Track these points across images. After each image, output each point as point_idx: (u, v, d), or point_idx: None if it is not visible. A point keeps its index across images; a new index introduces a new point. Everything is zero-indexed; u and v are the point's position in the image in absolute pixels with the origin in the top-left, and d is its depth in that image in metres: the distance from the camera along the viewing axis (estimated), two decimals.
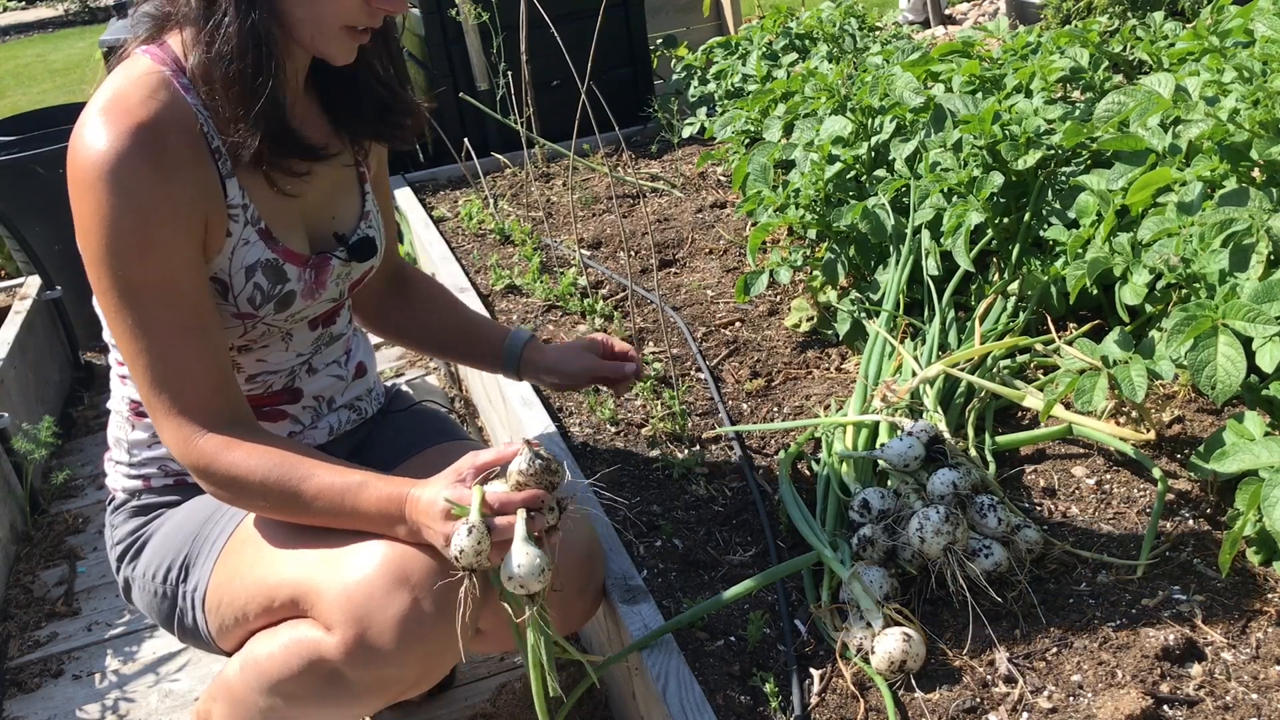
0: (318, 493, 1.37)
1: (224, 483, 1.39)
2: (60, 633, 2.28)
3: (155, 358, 1.36)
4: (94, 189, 1.30)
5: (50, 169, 3.35)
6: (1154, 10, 3.70)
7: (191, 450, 1.38)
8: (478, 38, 3.91)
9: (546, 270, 2.92)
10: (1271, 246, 1.59)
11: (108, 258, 1.32)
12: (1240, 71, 1.99)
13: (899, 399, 1.81)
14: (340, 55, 1.40)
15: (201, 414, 1.38)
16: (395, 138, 1.59)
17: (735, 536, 1.77)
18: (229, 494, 1.41)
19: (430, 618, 1.33)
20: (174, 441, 1.39)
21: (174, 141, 1.33)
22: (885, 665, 1.40)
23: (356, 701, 1.40)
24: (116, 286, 1.34)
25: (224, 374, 1.41)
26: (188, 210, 1.35)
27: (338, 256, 1.56)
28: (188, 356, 1.37)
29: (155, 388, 1.37)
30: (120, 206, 1.30)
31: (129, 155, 1.29)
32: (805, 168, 2.45)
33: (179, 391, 1.37)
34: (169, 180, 1.32)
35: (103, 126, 1.30)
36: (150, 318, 1.35)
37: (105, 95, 1.34)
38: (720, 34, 5.02)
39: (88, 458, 2.95)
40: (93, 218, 1.31)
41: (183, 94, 1.36)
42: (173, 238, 1.34)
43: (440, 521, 1.31)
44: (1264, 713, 1.29)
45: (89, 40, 10.74)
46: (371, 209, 1.63)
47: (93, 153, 1.30)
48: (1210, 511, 1.63)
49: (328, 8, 1.34)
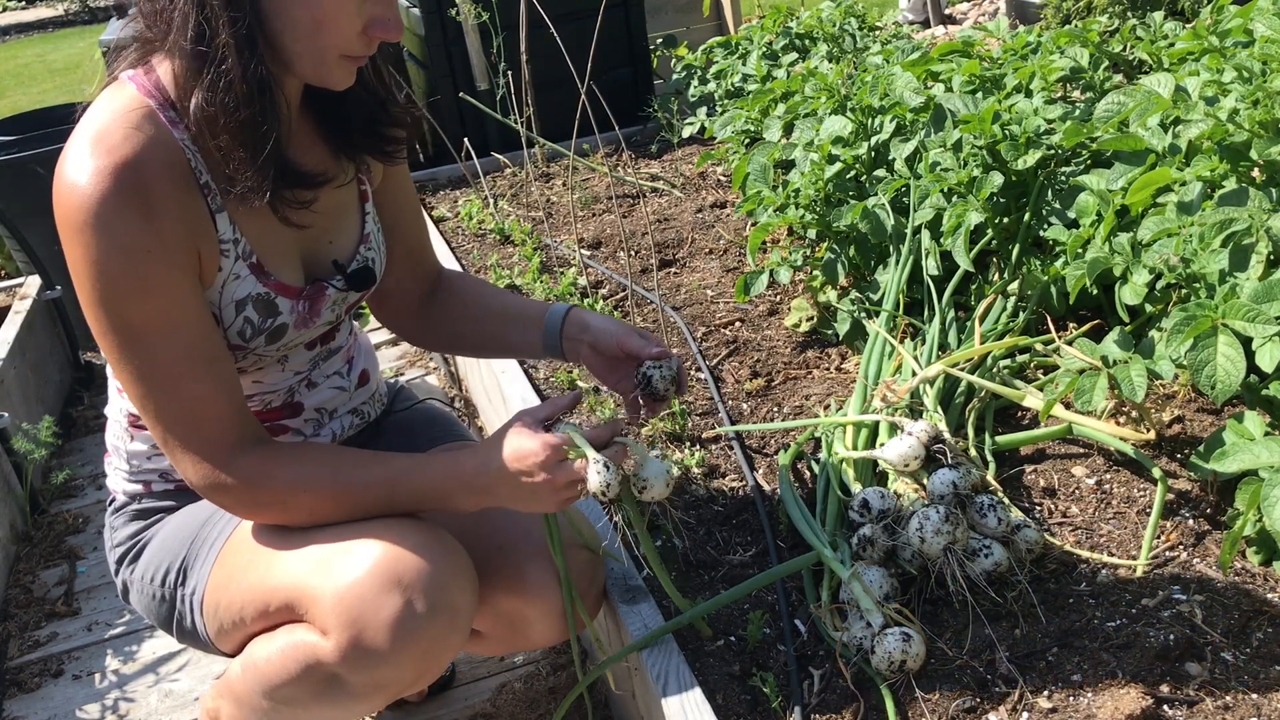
0: (370, 483, 1.38)
1: (269, 501, 1.38)
2: (60, 633, 2.28)
3: (167, 398, 1.33)
4: (81, 234, 1.27)
5: (50, 169, 3.33)
6: (1154, 10, 3.70)
7: (221, 482, 1.36)
8: (478, 38, 3.91)
9: (546, 270, 2.92)
10: (1271, 246, 1.59)
11: (103, 302, 1.29)
12: (1240, 71, 1.99)
13: (899, 399, 1.81)
14: (341, 82, 1.37)
15: (223, 445, 1.36)
16: (389, 151, 1.54)
17: (735, 536, 1.77)
18: (276, 511, 1.40)
19: (423, 618, 1.33)
20: (198, 476, 1.36)
21: (159, 179, 1.29)
22: (885, 665, 1.40)
23: (356, 702, 1.40)
24: (116, 330, 1.31)
25: (238, 400, 1.39)
26: (178, 245, 1.32)
27: (335, 286, 1.52)
28: (199, 391, 1.34)
29: (171, 428, 1.34)
30: (108, 249, 1.27)
31: (112, 196, 1.26)
32: (805, 168, 2.45)
33: (195, 427, 1.35)
34: (155, 218, 1.29)
35: (86, 164, 1.27)
36: (155, 358, 1.32)
37: (90, 129, 1.30)
38: (720, 34, 5.02)
39: (88, 458, 2.95)
40: (82, 263, 1.28)
41: (169, 128, 1.32)
42: (167, 274, 1.31)
43: (556, 469, 1.33)
44: (1264, 713, 1.29)
45: (89, 40, 10.75)
46: (372, 230, 1.58)
47: (76, 194, 1.26)
48: (1210, 511, 1.63)
49: (326, 40, 1.30)
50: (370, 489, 1.39)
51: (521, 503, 1.39)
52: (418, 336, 1.81)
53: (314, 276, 1.51)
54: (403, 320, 1.77)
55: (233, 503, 1.39)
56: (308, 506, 1.40)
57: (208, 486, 1.37)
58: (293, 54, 1.31)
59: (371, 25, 1.31)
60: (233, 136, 1.29)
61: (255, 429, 1.41)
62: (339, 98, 1.45)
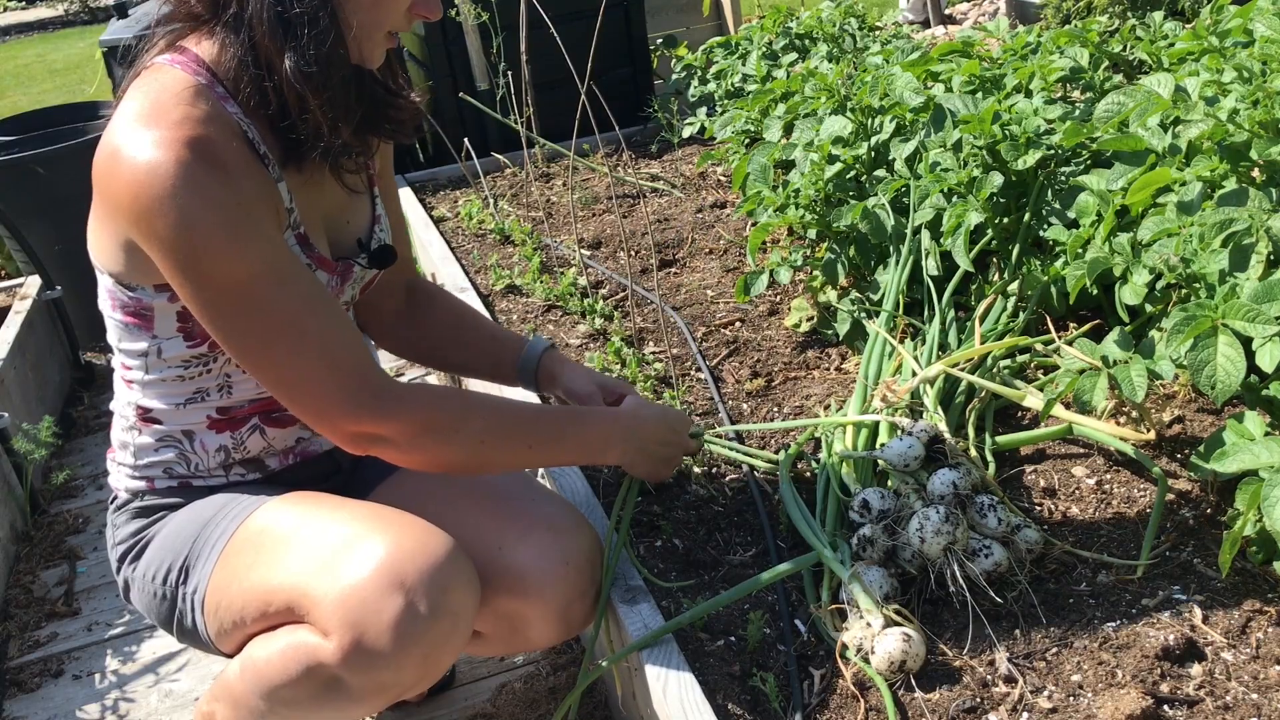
0: (541, 416, 1.44)
1: (441, 426, 1.36)
2: (60, 633, 2.28)
3: (297, 347, 1.31)
4: (167, 203, 1.24)
5: (50, 169, 3.35)
6: (1154, 10, 3.70)
7: (381, 414, 1.32)
8: (478, 38, 3.91)
9: (546, 270, 2.92)
10: (1271, 246, 1.59)
11: (206, 267, 1.27)
12: (1240, 71, 1.99)
13: (899, 399, 1.81)
14: (379, 59, 1.42)
15: (370, 378, 1.33)
16: (396, 132, 1.57)
17: (735, 536, 1.77)
18: (444, 441, 1.37)
19: (426, 619, 1.32)
20: (350, 417, 1.32)
21: (227, 145, 1.30)
22: (885, 665, 1.40)
23: (356, 704, 1.40)
24: (225, 293, 1.29)
25: (365, 342, 1.38)
26: (260, 202, 1.33)
27: (359, 263, 1.56)
28: (328, 329, 1.32)
29: (308, 378, 1.32)
30: (200, 210, 1.25)
31: (191, 160, 1.25)
32: (805, 168, 2.45)
33: (334, 367, 1.32)
34: (235, 179, 1.29)
35: (150, 139, 1.26)
36: (273, 310, 1.30)
37: (140, 108, 1.29)
38: (720, 34, 5.01)
39: (88, 458, 2.95)
40: (173, 233, 1.25)
41: (221, 103, 1.34)
42: (260, 227, 1.30)
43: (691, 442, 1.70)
44: (1264, 713, 1.29)
45: (89, 40, 10.74)
46: (381, 212, 1.63)
47: (150, 166, 1.25)
48: (1210, 511, 1.63)
49: (384, 14, 1.36)
50: (541, 421, 1.41)
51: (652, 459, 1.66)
52: (398, 345, 1.84)
53: (339, 256, 1.54)
54: (382, 325, 1.80)
55: (397, 435, 1.35)
56: (479, 434, 1.37)
57: (366, 424, 1.33)
58: (350, 26, 1.35)
59: (416, 4, 1.38)
60: (333, 93, 1.33)
61: (386, 374, 1.40)
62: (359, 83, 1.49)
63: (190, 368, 1.49)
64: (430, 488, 1.62)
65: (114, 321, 1.49)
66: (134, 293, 1.43)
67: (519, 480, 1.63)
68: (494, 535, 1.53)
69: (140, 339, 1.47)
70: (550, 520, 1.55)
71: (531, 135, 3.61)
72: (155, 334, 1.46)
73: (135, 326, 1.46)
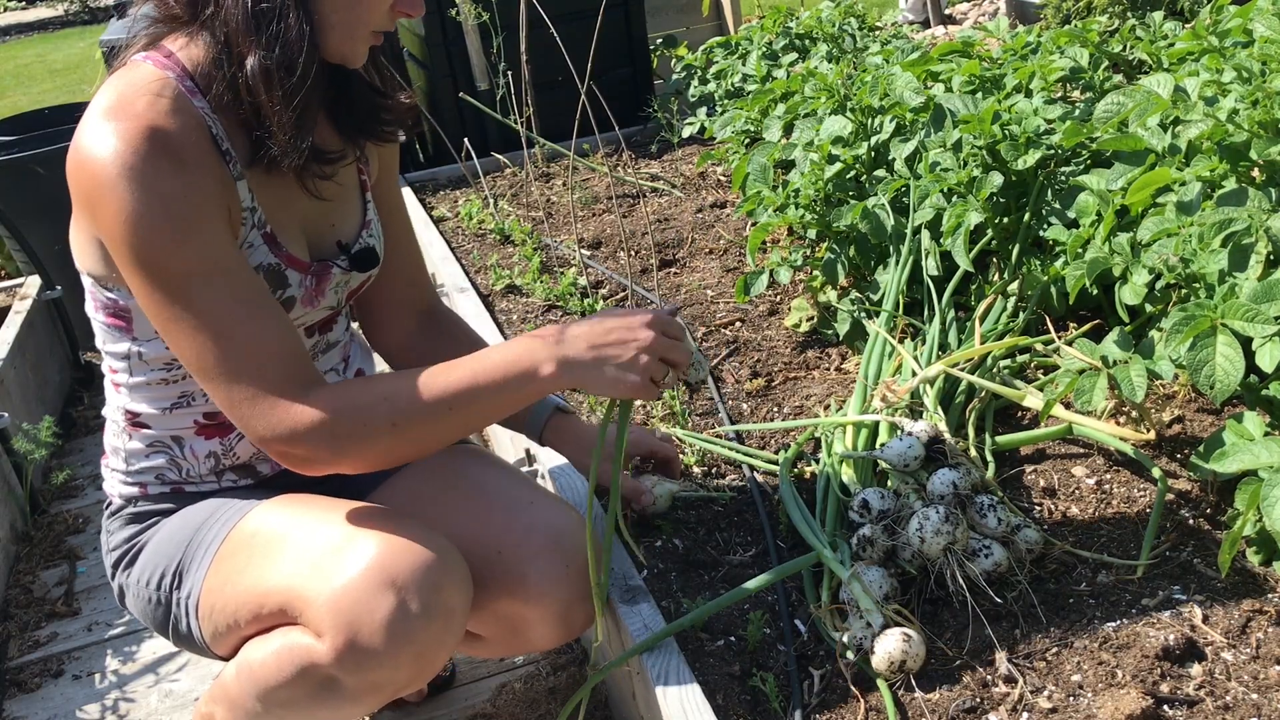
0: (451, 382, 1.33)
1: (352, 430, 1.32)
2: (60, 633, 2.28)
3: (224, 346, 1.30)
4: (113, 189, 1.25)
5: (50, 169, 3.34)
6: (1154, 10, 3.70)
7: (298, 425, 1.30)
8: (478, 38, 3.91)
9: (546, 270, 2.92)
10: (1270, 246, 1.59)
11: (144, 254, 1.27)
12: (1239, 72, 1.99)
13: (899, 399, 1.81)
14: (361, 58, 1.41)
15: (291, 385, 1.31)
16: (387, 133, 1.57)
17: (735, 536, 1.77)
18: (359, 441, 1.33)
19: (418, 618, 1.32)
20: (270, 428, 1.31)
21: (185, 138, 1.30)
22: (885, 665, 1.40)
23: (351, 704, 1.40)
24: (162, 284, 1.28)
25: (298, 342, 1.35)
26: (210, 197, 1.31)
27: (339, 265, 1.54)
28: (257, 331, 1.31)
29: (232, 379, 1.30)
30: (144, 198, 1.25)
31: (143, 152, 1.26)
32: (805, 168, 2.45)
33: (260, 373, 1.30)
34: (187, 171, 1.29)
35: (108, 129, 1.27)
36: (206, 305, 1.29)
37: (107, 100, 1.30)
38: (720, 34, 5.02)
39: (88, 458, 2.95)
40: (117, 219, 1.26)
41: (189, 97, 1.33)
42: (205, 220, 1.30)
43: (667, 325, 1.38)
44: (1264, 713, 1.29)
45: (89, 40, 10.74)
46: (373, 217, 1.61)
47: (105, 155, 1.26)
48: (1210, 511, 1.63)
49: (364, 13, 1.35)
50: (452, 387, 1.33)
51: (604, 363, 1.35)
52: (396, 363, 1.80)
53: (318, 257, 1.53)
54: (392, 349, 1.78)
55: (314, 445, 1.32)
56: (389, 422, 1.33)
57: (285, 435, 1.31)
58: (329, 25, 1.34)
59: (399, 1, 1.37)
60: (286, 95, 1.32)
61: (319, 374, 1.38)
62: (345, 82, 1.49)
63: (172, 370, 1.48)
64: (427, 491, 1.61)
65: (98, 323, 1.49)
66: (111, 293, 1.43)
67: (518, 482, 1.63)
68: (494, 538, 1.53)
69: (122, 340, 1.47)
70: (550, 523, 1.55)
71: (531, 135, 3.61)
72: (135, 335, 1.46)
73: (116, 328, 1.46)
